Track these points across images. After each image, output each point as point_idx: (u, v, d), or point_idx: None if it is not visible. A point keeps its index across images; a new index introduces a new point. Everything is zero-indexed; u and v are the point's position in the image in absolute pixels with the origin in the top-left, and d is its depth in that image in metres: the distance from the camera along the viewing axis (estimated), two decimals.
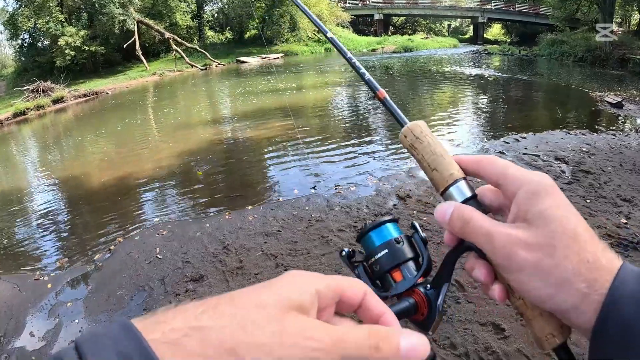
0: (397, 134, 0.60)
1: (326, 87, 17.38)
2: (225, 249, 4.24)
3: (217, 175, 7.04)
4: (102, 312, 3.52)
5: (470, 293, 3.41)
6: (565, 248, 0.45)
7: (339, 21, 40.70)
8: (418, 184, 5.72)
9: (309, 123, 10.55)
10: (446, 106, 12.60)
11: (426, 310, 0.56)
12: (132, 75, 27.27)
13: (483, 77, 19.00)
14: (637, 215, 4.82)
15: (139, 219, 5.46)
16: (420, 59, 29.13)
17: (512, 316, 3.15)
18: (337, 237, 4.34)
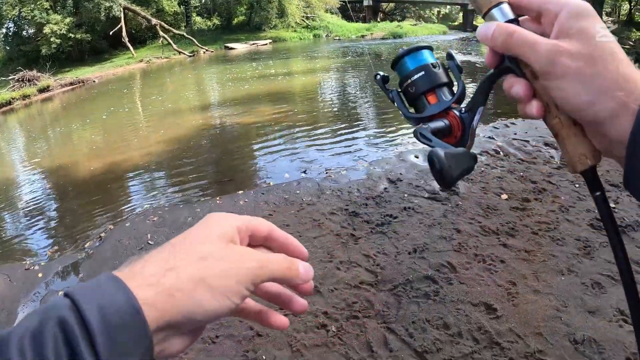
0: (388, 118, 0.60)
1: (315, 72, 17.31)
2: None
3: (207, 160, 7.03)
4: None
5: (463, 274, 3.47)
6: (605, 61, 0.47)
7: (328, 7, 40.42)
8: (408, 168, 5.76)
9: (298, 108, 10.53)
10: None
11: (459, 133, 0.60)
12: (118, 62, 26.95)
13: (472, 64, 19.00)
14: (625, 200, 4.89)
15: (129, 206, 5.45)
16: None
17: (504, 296, 3.22)
18: (328, 220, 4.37)
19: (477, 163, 4.43)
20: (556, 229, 4.24)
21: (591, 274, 3.54)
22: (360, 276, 3.45)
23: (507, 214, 4.50)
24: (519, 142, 6.98)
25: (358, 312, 3.09)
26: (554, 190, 5.08)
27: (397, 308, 3.13)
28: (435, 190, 5.07)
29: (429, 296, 3.22)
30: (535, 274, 3.51)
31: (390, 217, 4.41)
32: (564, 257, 3.76)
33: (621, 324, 2.99)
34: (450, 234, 4.08)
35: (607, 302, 3.20)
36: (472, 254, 3.75)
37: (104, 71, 24.16)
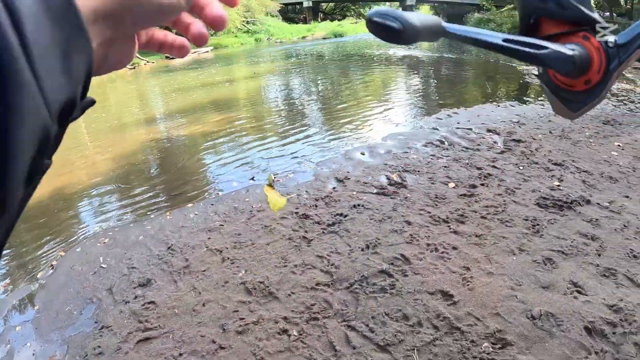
0: (333, 118, 0.58)
1: (259, 77, 17.21)
2: (170, 249, 4.15)
3: (155, 175, 6.88)
4: (53, 331, 3.38)
5: (417, 265, 3.51)
6: None
7: (268, 11, 40.33)
8: (355, 165, 5.80)
9: (244, 114, 10.45)
10: (379, 88, 12.77)
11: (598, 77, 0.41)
12: None
13: (414, 58, 19.36)
14: (568, 177, 5.07)
15: (78, 230, 5.26)
16: (351, 43, 29.34)
17: (459, 282, 3.29)
18: (279, 224, 4.34)
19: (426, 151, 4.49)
20: (504, 211, 4.35)
21: (542, 250, 3.66)
22: (316, 278, 3.44)
23: (455, 202, 4.58)
24: (463, 130, 7.14)
25: (317, 313, 3.07)
26: (499, 175, 5.21)
27: (355, 305, 3.13)
28: (383, 185, 5.11)
29: (386, 290, 3.24)
30: (488, 256, 3.60)
31: (340, 216, 4.42)
32: (514, 237, 3.87)
33: (575, 295, 3.10)
34: (401, 226, 4.12)
35: (559, 276, 3.31)
36: (425, 244, 3.80)
37: None
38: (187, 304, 3.33)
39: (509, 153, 5.99)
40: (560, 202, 4.49)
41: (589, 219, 4.16)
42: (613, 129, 7.11)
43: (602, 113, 8.14)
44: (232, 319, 3.10)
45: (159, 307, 3.34)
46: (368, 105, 10.05)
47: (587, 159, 5.69)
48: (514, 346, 2.70)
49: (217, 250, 3.99)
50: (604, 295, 3.10)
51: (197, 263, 3.85)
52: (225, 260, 3.82)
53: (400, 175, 5.31)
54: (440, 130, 7.26)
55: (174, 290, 3.52)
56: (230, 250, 3.97)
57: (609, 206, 4.40)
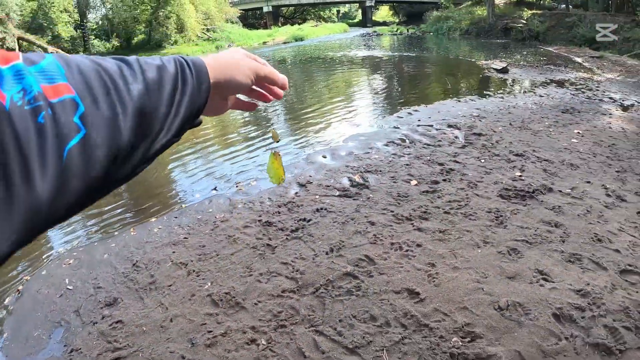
0: (294, 122, 0.58)
1: None
2: (135, 266, 4.07)
3: (117, 190, 6.75)
4: (24, 357, 3.29)
5: (381, 265, 3.53)
6: None
7: (228, 17, 40.11)
8: (317, 169, 5.80)
9: (206, 124, 10.36)
10: (341, 90, 12.83)
11: None
12: None
13: (375, 58, 19.51)
14: (530, 167, 5.17)
15: (43, 252, 5.12)
16: (312, 46, 29.41)
17: (425, 279, 3.31)
18: (243, 234, 4.30)
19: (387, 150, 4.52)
20: (467, 205, 4.41)
21: (506, 241, 3.71)
22: (282, 285, 3.42)
23: (418, 199, 4.61)
24: (423, 127, 7.21)
25: (285, 320, 3.05)
26: (461, 169, 5.27)
27: (322, 310, 3.12)
28: (346, 187, 5.12)
29: (352, 292, 3.24)
30: (453, 251, 3.63)
31: (304, 221, 4.40)
32: (478, 230, 3.92)
33: (542, 283, 3.15)
34: (365, 227, 4.13)
35: (525, 266, 3.36)
36: (389, 243, 3.81)
37: None
38: (154, 320, 3.27)
39: (471, 147, 6.07)
40: (522, 192, 4.58)
41: (552, 206, 4.24)
42: (572, 117, 7.28)
43: (560, 102, 8.32)
44: (200, 333, 3.05)
45: (126, 325, 3.27)
46: (330, 108, 10.08)
47: (548, 147, 5.81)
48: (483, 338, 2.72)
49: (182, 263, 3.93)
50: (570, 280, 3.15)
51: (163, 278, 3.78)
52: (191, 273, 3.77)
53: (362, 176, 5.32)
54: (401, 129, 7.32)
55: (141, 307, 3.45)
56: (195, 263, 3.92)
57: (570, 192, 4.50)
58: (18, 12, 27.95)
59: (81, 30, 33.88)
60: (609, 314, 2.81)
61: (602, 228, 3.80)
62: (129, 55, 2.08)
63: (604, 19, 18.24)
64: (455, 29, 28.10)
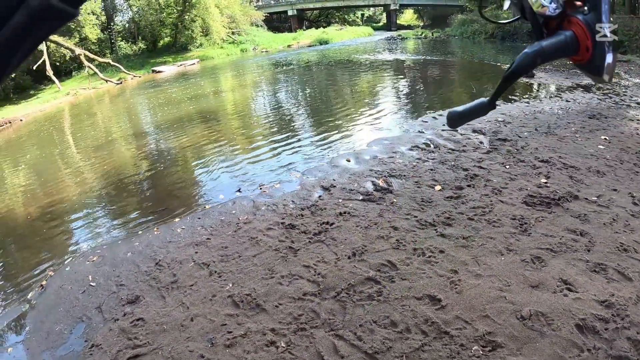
0: (319, 126, 0.56)
1: (245, 87, 17.22)
2: (158, 265, 4.13)
3: (143, 190, 6.85)
4: (44, 351, 3.36)
5: (404, 270, 3.49)
6: None
7: (253, 21, 40.37)
8: (341, 173, 5.79)
9: (230, 125, 10.44)
10: (365, 94, 12.79)
11: (590, 42, 0.45)
12: (45, 97, 25.92)
13: (399, 62, 19.41)
14: (555, 174, 5.08)
15: (67, 249, 5.22)
16: (337, 49, 29.40)
17: (447, 286, 3.26)
18: (266, 236, 4.32)
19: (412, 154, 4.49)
20: (491, 211, 4.34)
21: (530, 249, 3.63)
22: (303, 288, 3.42)
23: (442, 205, 4.57)
24: (448, 132, 7.15)
25: (305, 323, 3.05)
26: (485, 175, 5.20)
27: (342, 314, 3.11)
28: (369, 191, 5.10)
29: (373, 297, 3.22)
30: (475, 258, 3.58)
31: (326, 224, 4.40)
32: (502, 237, 3.85)
33: (566, 293, 3.07)
34: (388, 232, 4.11)
35: (549, 274, 3.29)
36: (411, 248, 3.78)
37: (31, 108, 23.11)
38: (175, 319, 3.30)
39: (495, 152, 6.00)
40: (547, 199, 4.49)
41: (577, 214, 4.14)
42: (599, 122, 7.14)
43: (587, 108, 8.18)
44: (220, 333, 3.07)
45: (147, 323, 3.32)
46: (354, 111, 10.06)
47: (574, 154, 5.71)
48: (505, 348, 2.67)
49: (205, 264, 3.96)
50: (594, 291, 3.07)
51: (185, 278, 3.82)
52: (213, 274, 3.80)
53: (386, 181, 5.30)
54: (425, 133, 7.27)
55: (162, 306, 3.50)
56: (217, 263, 3.95)
57: (597, 200, 4.40)
58: None
59: (108, 32, 34.41)
60: (633, 327, 2.74)
61: (628, 237, 3.71)
62: (156, 57, 2.09)
63: (631, 22, 17.88)
64: (480, 32, 27.82)
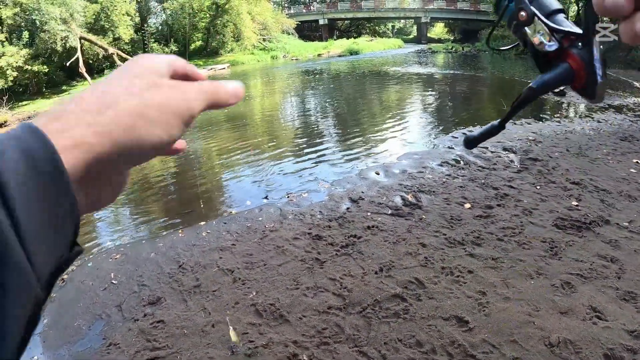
0: (348, 136, 0.55)
1: (274, 94, 17.32)
2: (181, 267, 4.12)
3: (169, 191, 6.88)
4: (61, 346, 3.37)
5: (431, 289, 3.43)
6: None
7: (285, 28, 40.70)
8: (370, 186, 5.74)
9: (258, 131, 10.48)
10: (395, 106, 12.74)
11: (584, 73, 0.54)
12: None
13: (429, 75, 19.34)
14: (587, 196, 4.97)
15: (91, 245, 5.26)
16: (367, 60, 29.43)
17: (475, 307, 3.20)
18: (292, 245, 4.28)
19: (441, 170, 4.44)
20: (521, 233, 4.26)
21: (560, 274, 3.55)
22: (328, 301, 3.37)
23: (471, 223, 4.49)
24: (478, 149, 7.05)
25: (328, 338, 3.00)
26: (516, 195, 5.12)
27: (367, 330, 3.05)
28: (398, 206, 5.04)
29: (399, 315, 3.16)
30: (505, 280, 3.50)
31: (354, 237, 4.34)
32: (532, 260, 3.77)
33: (595, 321, 3.00)
34: (416, 249, 4.04)
35: (578, 301, 3.21)
36: (439, 267, 3.72)
37: None
38: (196, 324, 3.28)
39: (526, 172, 5.90)
40: (578, 222, 4.39)
41: (608, 240, 4.04)
42: (631, 145, 6.99)
43: (619, 129, 8.02)
44: (242, 341, 3.04)
45: (167, 326, 3.30)
46: (383, 123, 10.01)
47: (605, 177, 5.59)
48: None
49: (229, 270, 3.94)
50: (624, 320, 2.99)
51: (208, 283, 3.80)
52: (237, 280, 3.77)
53: (415, 196, 5.24)
54: (455, 149, 7.19)
55: (184, 309, 3.48)
56: (241, 270, 3.92)
57: (628, 226, 4.29)
58: (81, 13, 29.02)
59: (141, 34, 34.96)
60: None
61: None
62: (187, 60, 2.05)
63: None
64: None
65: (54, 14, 26.54)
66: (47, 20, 26.32)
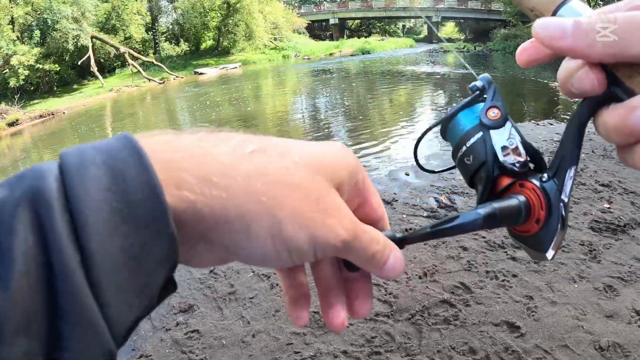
0: (370, 135, 0.51)
1: (286, 93, 17.30)
2: (213, 273, 4.01)
3: None
4: None
5: (478, 294, 3.36)
6: None
7: (295, 27, 40.72)
8: (401, 187, 5.67)
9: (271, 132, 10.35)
10: (407, 106, 12.70)
11: (544, 214, 0.40)
12: (88, 93, 26.62)
13: (440, 75, 19.29)
14: (617, 199, 4.91)
15: None
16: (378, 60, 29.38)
17: (524, 312, 3.14)
18: None
19: None
20: None
21: (602, 277, 3.50)
22: (375, 308, 3.29)
23: None
24: None
25: (379, 347, 2.92)
26: None
27: (418, 338, 2.98)
28: (433, 207, 4.97)
29: (449, 321, 3.09)
30: (549, 284, 3.44)
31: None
32: (573, 264, 3.71)
33: (639, 324, 2.97)
34: (457, 252, 3.97)
35: (622, 304, 3.17)
36: (484, 271, 3.64)
37: (74, 102, 23.74)
38: (235, 334, 3.15)
39: None
40: (613, 225, 4.31)
41: None
42: None
43: None
44: (287, 353, 2.94)
45: (204, 336, 3.17)
46: (408, 123, 9.93)
47: (633, 178, 5.51)
48: None
49: (265, 275, 3.84)
50: None
51: (244, 289, 3.69)
52: (274, 286, 3.67)
53: (449, 197, 5.17)
54: None
55: (220, 318, 3.36)
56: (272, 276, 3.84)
57: None
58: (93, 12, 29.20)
59: (152, 33, 35.14)
60: None
61: None
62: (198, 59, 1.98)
63: None
64: None
65: (65, 12, 26.78)
66: (58, 19, 26.58)
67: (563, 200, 0.40)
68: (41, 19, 27.32)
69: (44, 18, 27.00)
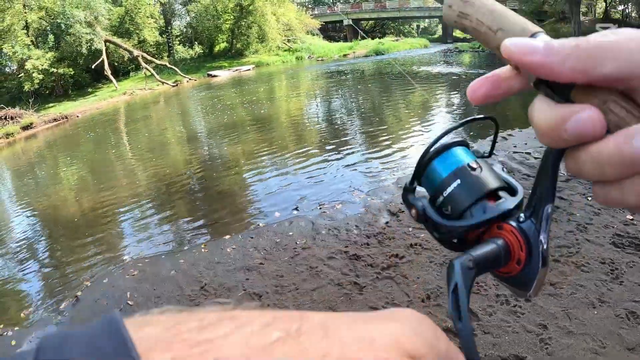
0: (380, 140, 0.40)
1: (300, 96, 17.12)
2: (203, 289, 3.82)
3: (192, 199, 6.64)
4: None
5: (487, 321, 3.09)
6: None
7: (309, 29, 40.65)
8: None
9: (285, 135, 10.22)
10: (421, 107, 12.43)
11: (524, 255, 0.39)
12: (102, 96, 26.84)
13: (456, 75, 18.99)
14: None
15: (108, 257, 5.02)
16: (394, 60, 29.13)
17: (536, 344, 2.87)
18: (327, 266, 3.93)
19: None
20: (578, 252, 3.88)
21: (624, 302, 3.19)
22: None
23: None
24: (520, 155, 6.65)
25: None
26: (567, 207, 4.74)
27: None
28: None
29: None
30: (566, 310, 3.14)
31: (396, 257, 3.98)
32: (592, 285, 3.40)
33: None
34: None
35: None
36: (493, 294, 3.35)
37: (88, 105, 23.99)
38: None
39: (574, 181, 5.49)
40: (637, 240, 4.01)
41: None
42: None
43: None
44: None
45: None
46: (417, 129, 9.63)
47: None
48: None
49: (256, 294, 3.63)
50: None
51: None
52: (265, 307, 3.43)
53: None
54: (497, 155, 6.78)
55: None
56: (271, 295, 3.61)
57: None
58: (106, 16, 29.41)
59: (166, 36, 35.31)
60: None
61: None
62: (211, 62, 1.73)
63: None
64: None
65: (78, 17, 27.01)
66: (72, 23, 26.83)
67: (541, 239, 0.39)
68: (55, 23, 27.60)
69: (57, 22, 27.25)
